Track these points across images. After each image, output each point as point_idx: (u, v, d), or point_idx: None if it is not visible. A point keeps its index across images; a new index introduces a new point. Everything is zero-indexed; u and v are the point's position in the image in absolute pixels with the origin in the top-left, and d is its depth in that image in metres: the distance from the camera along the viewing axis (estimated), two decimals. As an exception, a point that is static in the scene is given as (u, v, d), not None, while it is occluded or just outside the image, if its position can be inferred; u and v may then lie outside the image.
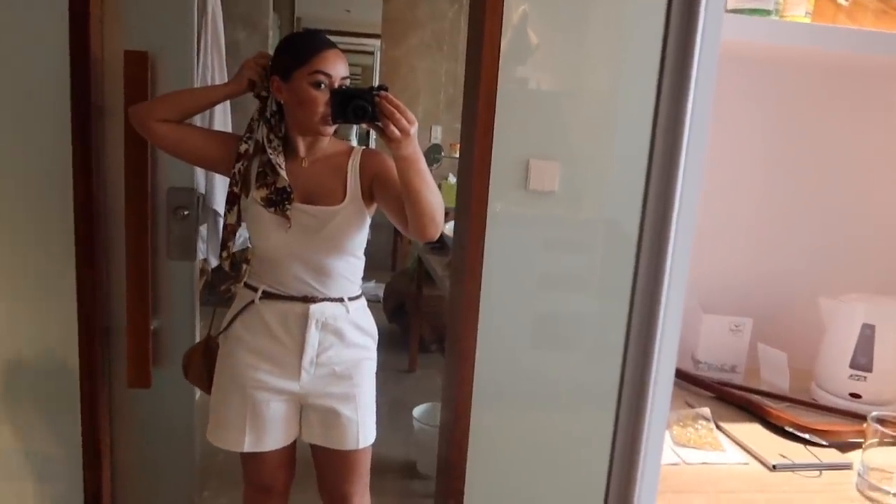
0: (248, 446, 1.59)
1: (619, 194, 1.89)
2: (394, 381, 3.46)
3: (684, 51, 0.62)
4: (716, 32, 0.64)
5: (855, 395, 1.18)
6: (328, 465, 1.67)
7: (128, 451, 1.88)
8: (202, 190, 2.38)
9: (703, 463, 0.99)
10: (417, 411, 2.66)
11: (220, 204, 2.52)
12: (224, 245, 1.59)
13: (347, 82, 1.47)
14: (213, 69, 2.72)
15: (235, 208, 1.54)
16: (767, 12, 0.95)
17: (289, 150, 1.55)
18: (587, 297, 2.00)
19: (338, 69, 1.47)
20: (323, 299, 1.53)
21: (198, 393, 1.83)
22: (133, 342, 1.79)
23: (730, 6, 0.97)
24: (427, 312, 3.59)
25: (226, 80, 2.45)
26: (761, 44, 1.01)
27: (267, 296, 1.54)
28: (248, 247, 1.62)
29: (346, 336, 1.57)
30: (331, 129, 1.50)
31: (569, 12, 1.86)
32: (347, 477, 1.66)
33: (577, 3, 1.83)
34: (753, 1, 0.95)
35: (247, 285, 1.57)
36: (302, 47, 1.48)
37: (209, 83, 2.58)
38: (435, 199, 1.41)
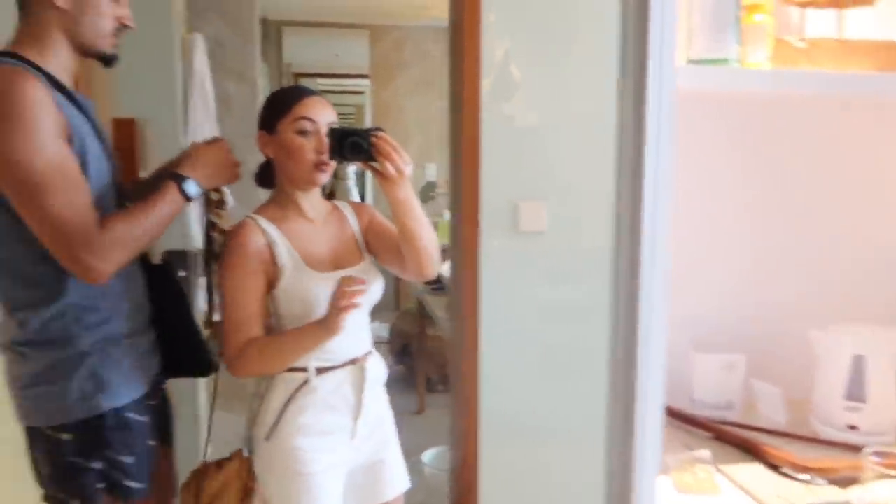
0: None
1: (601, 226, 1.91)
2: (404, 424, 3.42)
3: (637, 101, 0.64)
4: (669, 82, 0.66)
5: (852, 427, 1.18)
6: None
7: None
8: (200, 245, 2.38)
9: (702, 511, 0.98)
10: (427, 456, 2.64)
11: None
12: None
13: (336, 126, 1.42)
14: (204, 128, 2.76)
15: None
16: (726, 61, 0.98)
17: (291, 212, 1.48)
18: (580, 329, 2.00)
19: (322, 114, 1.43)
20: (365, 355, 1.55)
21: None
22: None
23: (692, 57, 1.00)
24: (431, 352, 3.58)
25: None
26: (728, 90, 1.03)
27: (320, 371, 1.46)
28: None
29: (380, 382, 1.61)
30: (324, 177, 1.43)
31: (541, 50, 1.89)
32: None
33: (547, 41, 1.86)
34: (714, 51, 0.98)
35: (289, 369, 1.45)
36: (284, 97, 1.46)
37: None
38: (431, 236, 1.43)
